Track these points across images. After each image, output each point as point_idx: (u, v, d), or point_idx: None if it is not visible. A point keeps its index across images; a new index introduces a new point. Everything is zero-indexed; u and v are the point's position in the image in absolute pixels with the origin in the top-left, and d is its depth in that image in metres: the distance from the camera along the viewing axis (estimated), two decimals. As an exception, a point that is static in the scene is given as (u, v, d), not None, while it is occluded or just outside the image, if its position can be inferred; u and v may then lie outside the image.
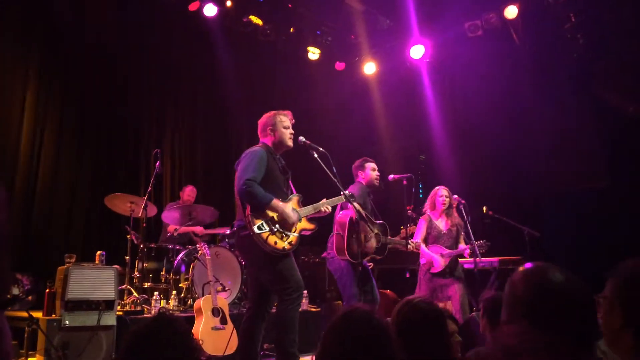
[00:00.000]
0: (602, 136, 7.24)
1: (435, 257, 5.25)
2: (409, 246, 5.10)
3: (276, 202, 3.73)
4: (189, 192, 6.99)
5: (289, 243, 3.78)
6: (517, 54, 7.78)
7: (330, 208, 4.13)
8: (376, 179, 5.13)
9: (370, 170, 5.12)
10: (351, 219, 4.69)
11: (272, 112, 4.09)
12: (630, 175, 6.81)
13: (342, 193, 4.19)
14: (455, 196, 5.45)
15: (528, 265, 1.51)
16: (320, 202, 4.09)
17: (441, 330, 2.10)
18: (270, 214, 3.74)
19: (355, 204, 4.44)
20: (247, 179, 3.65)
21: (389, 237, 5.06)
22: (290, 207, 3.88)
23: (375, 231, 4.98)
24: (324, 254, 5.05)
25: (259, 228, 3.64)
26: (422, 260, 5.37)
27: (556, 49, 7.37)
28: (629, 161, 6.88)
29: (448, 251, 5.28)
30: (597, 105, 7.21)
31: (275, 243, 3.70)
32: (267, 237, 3.67)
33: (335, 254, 4.82)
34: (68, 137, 6.84)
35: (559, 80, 7.53)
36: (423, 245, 5.35)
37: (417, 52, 8.19)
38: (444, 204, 5.37)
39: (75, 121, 6.92)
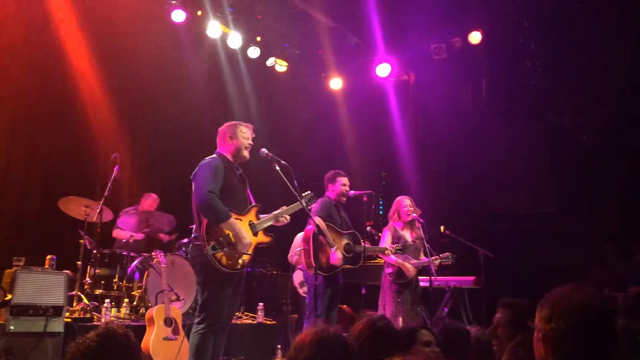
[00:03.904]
0: (554, 163, 7.48)
1: (406, 264, 5.15)
2: (386, 251, 5.12)
3: (233, 222, 3.71)
4: (151, 202, 6.72)
5: (242, 261, 3.78)
6: (478, 78, 8.01)
7: (288, 218, 4.15)
8: (344, 194, 5.16)
9: (341, 185, 5.16)
10: (314, 232, 4.72)
11: (234, 122, 4.11)
12: (576, 203, 7.04)
13: (301, 203, 4.18)
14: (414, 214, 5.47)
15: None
16: (279, 210, 4.10)
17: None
18: (227, 231, 3.72)
19: (317, 219, 4.47)
20: (208, 191, 3.65)
21: (368, 245, 5.06)
22: (246, 224, 3.87)
23: (345, 241, 5.01)
24: (300, 266, 5.06)
25: (213, 248, 3.64)
26: (387, 270, 5.25)
27: (515, 75, 7.62)
28: (575, 189, 7.13)
29: (415, 261, 5.23)
30: (551, 133, 7.47)
31: (228, 262, 3.70)
32: (221, 257, 3.67)
33: (306, 267, 4.87)
34: (21, 136, 6.58)
35: (516, 106, 7.79)
36: (392, 254, 5.22)
37: (383, 70, 8.33)
38: (409, 214, 5.33)
39: (30, 119, 6.67)
